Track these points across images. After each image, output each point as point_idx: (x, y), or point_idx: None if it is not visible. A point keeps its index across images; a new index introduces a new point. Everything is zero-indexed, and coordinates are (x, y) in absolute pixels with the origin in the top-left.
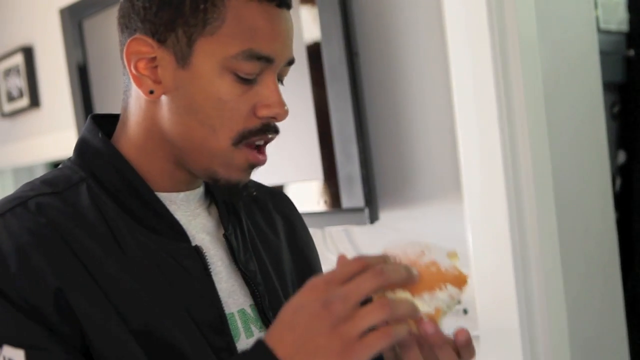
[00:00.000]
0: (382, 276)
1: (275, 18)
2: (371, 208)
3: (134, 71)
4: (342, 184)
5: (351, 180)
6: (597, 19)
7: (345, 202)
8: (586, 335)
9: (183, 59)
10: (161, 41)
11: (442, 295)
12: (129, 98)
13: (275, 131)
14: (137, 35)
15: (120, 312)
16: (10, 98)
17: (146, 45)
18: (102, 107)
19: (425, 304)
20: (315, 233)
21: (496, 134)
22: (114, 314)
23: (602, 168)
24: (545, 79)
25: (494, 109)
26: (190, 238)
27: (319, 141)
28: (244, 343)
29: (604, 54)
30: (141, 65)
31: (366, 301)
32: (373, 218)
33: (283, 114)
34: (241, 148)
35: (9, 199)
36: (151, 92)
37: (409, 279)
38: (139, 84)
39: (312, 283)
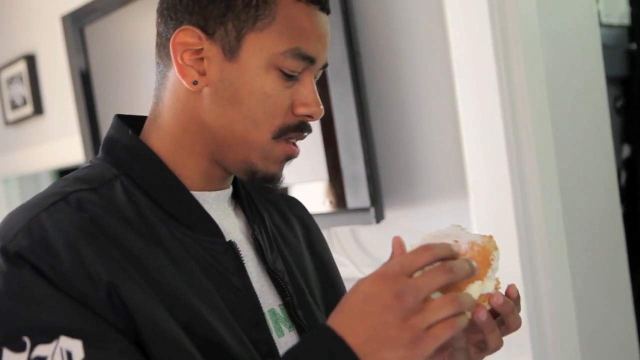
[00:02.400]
0: (451, 273)
1: (319, 20)
2: (377, 207)
3: (180, 61)
4: (347, 184)
5: (356, 180)
6: (598, 13)
7: (351, 202)
8: (594, 330)
9: (231, 52)
10: (209, 34)
11: (495, 264)
12: (163, 91)
13: (310, 130)
14: (185, 26)
15: (167, 307)
16: (14, 106)
17: (194, 37)
18: (106, 112)
19: (489, 280)
20: None
21: (500, 131)
22: (162, 309)
23: (607, 162)
24: (547, 74)
25: (498, 106)
26: (224, 235)
27: (323, 142)
28: (277, 342)
29: (606, 48)
30: (186, 56)
31: None
32: (379, 217)
33: (319, 112)
34: (280, 142)
35: (47, 194)
36: (195, 83)
37: (472, 274)
38: (183, 75)
39: (382, 273)
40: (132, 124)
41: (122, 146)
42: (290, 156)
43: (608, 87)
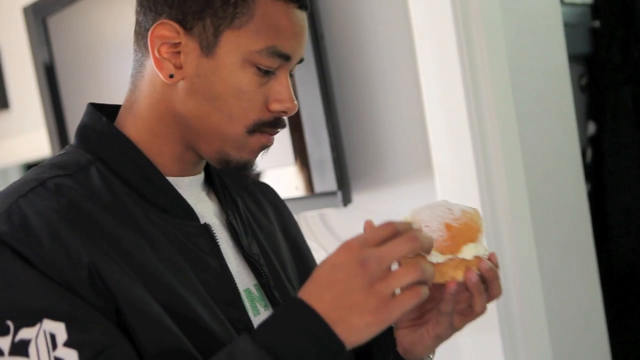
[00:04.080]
0: (415, 241)
1: (296, 18)
2: (344, 191)
3: (157, 54)
4: (313, 168)
5: (323, 164)
6: None
7: (318, 187)
8: (561, 306)
9: (208, 48)
10: (187, 28)
11: (483, 231)
12: (140, 79)
13: (284, 125)
14: (164, 19)
15: (147, 288)
16: None
17: (172, 31)
18: (72, 105)
19: (480, 245)
20: None
21: (464, 112)
22: (143, 288)
23: (571, 140)
24: (510, 54)
25: (460, 86)
26: (199, 218)
27: (289, 127)
28: (253, 321)
29: (569, 26)
30: (164, 49)
31: None
32: (346, 201)
33: (293, 108)
34: (254, 134)
35: (25, 181)
36: (171, 76)
37: (431, 247)
38: (160, 67)
39: (347, 244)
40: (105, 112)
41: (96, 133)
42: (266, 146)
43: (572, 65)
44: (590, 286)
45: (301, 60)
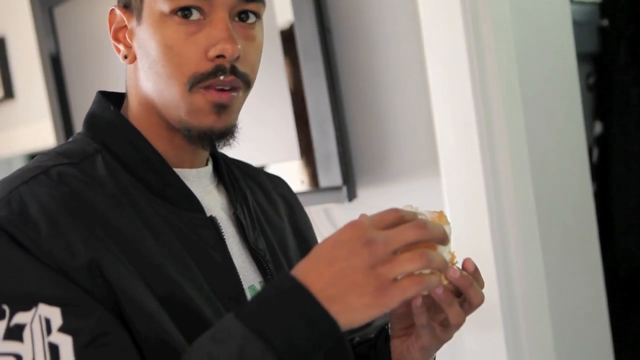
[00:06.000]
0: (425, 230)
1: None
2: (349, 186)
3: (113, 41)
4: (319, 163)
5: (328, 159)
6: None
7: (323, 181)
8: (566, 306)
9: (138, 16)
10: (127, 6)
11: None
12: (126, 69)
13: (225, 72)
14: (112, 7)
15: (146, 280)
16: None
17: (116, 14)
18: (77, 95)
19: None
20: None
21: (471, 109)
22: (141, 282)
23: (578, 139)
24: (518, 51)
25: (468, 83)
26: (205, 211)
27: (295, 121)
28: None
29: (578, 25)
30: (120, 34)
31: None
32: (351, 196)
33: (229, 49)
34: (198, 91)
35: (28, 168)
36: (125, 57)
37: (445, 238)
38: (117, 51)
39: (353, 222)
40: (115, 100)
41: (104, 122)
42: (218, 103)
43: (579, 64)
44: (594, 285)
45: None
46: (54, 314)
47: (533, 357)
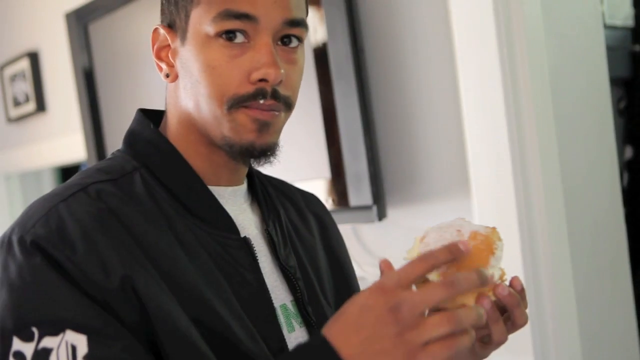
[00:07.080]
0: (452, 288)
1: None
2: (379, 205)
3: (155, 59)
4: (349, 182)
5: (359, 178)
6: (602, 14)
7: (353, 200)
8: (596, 330)
9: (183, 36)
10: (171, 26)
11: (499, 254)
12: (167, 88)
13: (265, 96)
14: (156, 25)
15: (179, 299)
16: (17, 103)
17: (159, 33)
18: (109, 110)
19: (492, 269)
20: None
21: (504, 130)
22: (174, 301)
23: (610, 163)
24: (551, 75)
25: (501, 105)
26: (239, 230)
27: (326, 139)
28: (287, 337)
29: (610, 49)
30: (163, 53)
31: None
32: (381, 215)
33: (272, 74)
34: (237, 111)
35: (68, 185)
36: (167, 76)
37: (481, 283)
38: (159, 70)
39: (379, 285)
40: (154, 118)
41: (143, 139)
42: (260, 120)
43: (611, 88)
44: (625, 310)
45: (293, 23)
46: (81, 342)
47: None
